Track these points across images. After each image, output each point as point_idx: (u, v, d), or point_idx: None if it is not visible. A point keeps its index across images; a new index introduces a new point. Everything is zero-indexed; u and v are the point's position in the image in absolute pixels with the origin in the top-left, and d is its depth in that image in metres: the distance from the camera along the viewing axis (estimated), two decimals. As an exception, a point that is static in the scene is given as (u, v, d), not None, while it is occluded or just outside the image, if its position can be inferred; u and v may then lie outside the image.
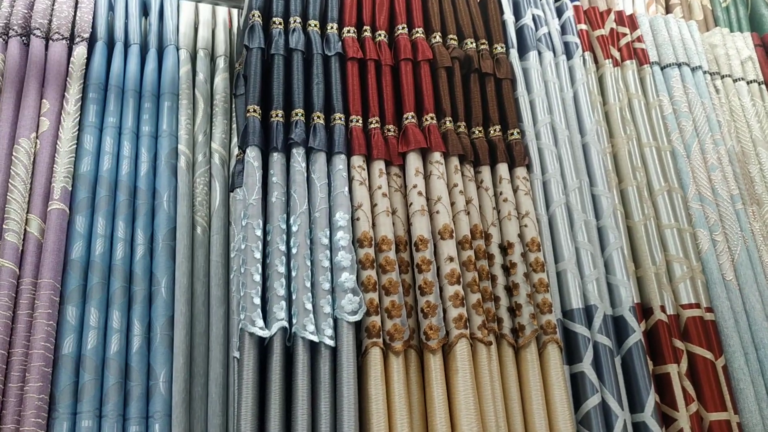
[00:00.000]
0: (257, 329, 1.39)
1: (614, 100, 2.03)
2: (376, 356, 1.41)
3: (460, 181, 1.67)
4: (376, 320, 1.45)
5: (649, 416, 1.55)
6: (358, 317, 1.43)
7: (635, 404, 1.58)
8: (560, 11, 2.12)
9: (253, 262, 1.44)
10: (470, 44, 1.88)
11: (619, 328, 1.66)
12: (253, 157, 1.56)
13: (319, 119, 1.65)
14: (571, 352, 1.60)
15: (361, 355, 1.44)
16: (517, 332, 1.57)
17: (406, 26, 1.85)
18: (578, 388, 1.56)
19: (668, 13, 2.67)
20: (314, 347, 1.40)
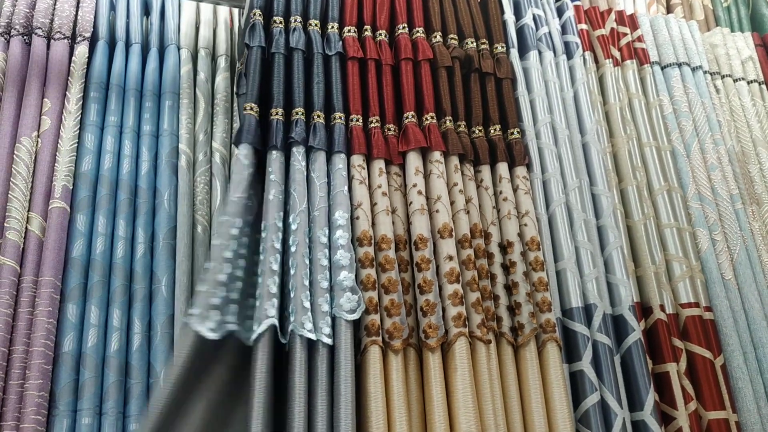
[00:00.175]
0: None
1: (614, 99, 2.03)
2: (375, 354, 1.41)
3: (459, 180, 1.67)
4: (375, 319, 1.45)
5: (648, 415, 1.55)
6: (356, 316, 1.43)
7: (634, 403, 1.59)
8: (561, 11, 2.12)
9: (220, 260, 1.39)
10: (471, 44, 1.88)
11: (618, 326, 1.66)
12: (243, 155, 1.53)
13: (319, 118, 1.65)
14: (570, 350, 1.60)
15: (360, 353, 1.44)
16: (516, 331, 1.57)
17: (406, 26, 1.85)
18: (577, 386, 1.56)
19: (669, 12, 2.67)
20: (312, 345, 1.40)
